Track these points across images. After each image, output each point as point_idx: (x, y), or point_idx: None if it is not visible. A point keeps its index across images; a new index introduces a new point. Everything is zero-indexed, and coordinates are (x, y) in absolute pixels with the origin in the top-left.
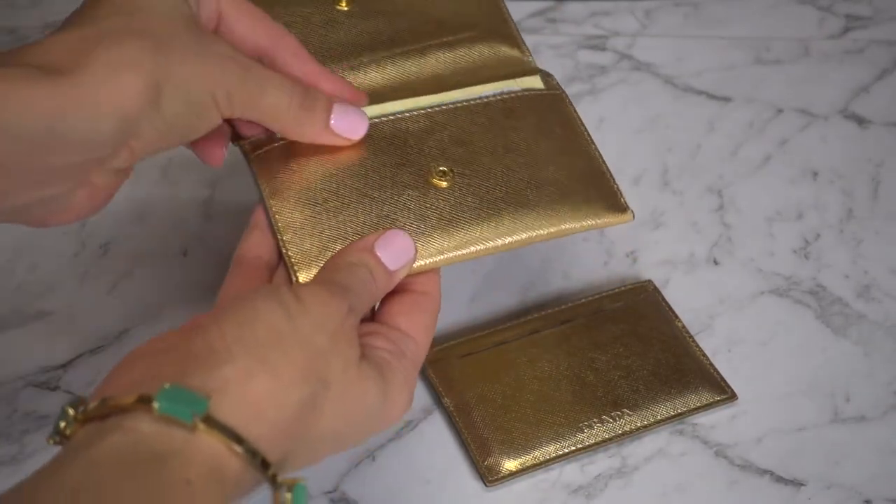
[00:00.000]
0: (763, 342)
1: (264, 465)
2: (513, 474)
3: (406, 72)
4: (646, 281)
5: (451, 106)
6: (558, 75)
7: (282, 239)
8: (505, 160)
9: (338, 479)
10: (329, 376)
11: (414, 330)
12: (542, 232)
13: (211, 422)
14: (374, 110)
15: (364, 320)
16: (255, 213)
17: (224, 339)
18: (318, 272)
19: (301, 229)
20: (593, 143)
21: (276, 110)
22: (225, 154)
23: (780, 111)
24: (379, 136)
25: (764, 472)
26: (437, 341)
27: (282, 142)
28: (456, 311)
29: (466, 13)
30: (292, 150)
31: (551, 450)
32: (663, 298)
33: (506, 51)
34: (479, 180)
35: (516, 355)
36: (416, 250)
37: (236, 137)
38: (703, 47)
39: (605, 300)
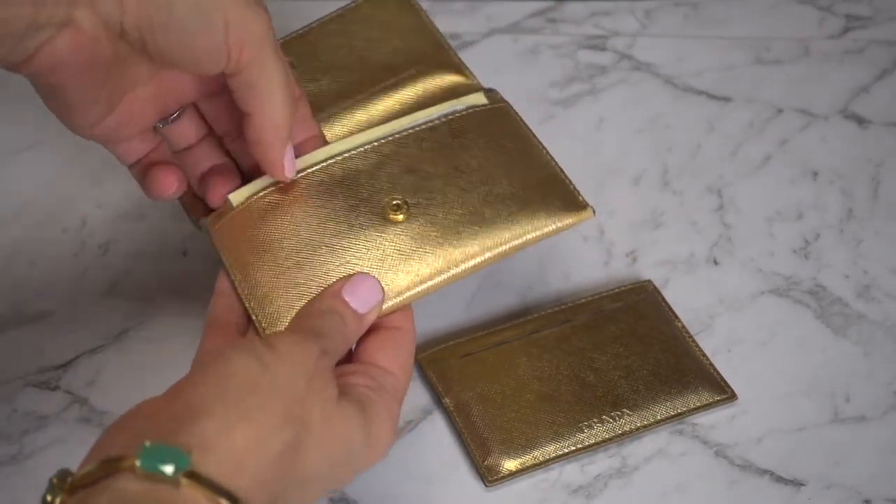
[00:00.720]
0: (763, 342)
1: None
2: (513, 474)
3: (356, 121)
4: (646, 281)
5: (397, 136)
6: (558, 75)
7: (249, 306)
8: (458, 181)
9: None
10: (309, 418)
11: (392, 365)
12: (505, 247)
13: (194, 476)
14: (322, 153)
15: (341, 362)
16: (219, 279)
17: (202, 396)
18: (291, 322)
19: (265, 294)
20: (544, 148)
21: (277, 85)
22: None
23: (780, 111)
24: (330, 180)
25: (764, 472)
26: (436, 341)
27: (236, 210)
28: (456, 311)
29: (406, 51)
30: (249, 216)
31: (551, 450)
32: (663, 298)
33: (449, 78)
34: (435, 207)
35: (516, 355)
36: (384, 291)
37: (198, 214)
38: (702, 47)
39: (605, 300)
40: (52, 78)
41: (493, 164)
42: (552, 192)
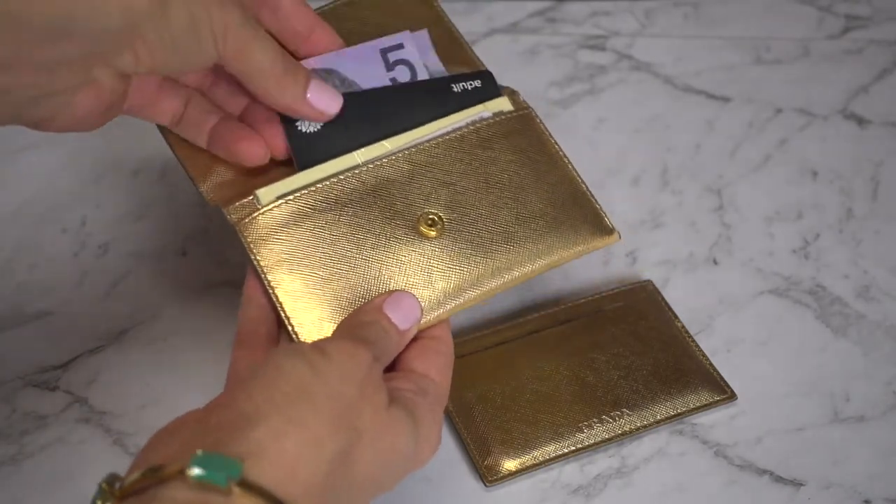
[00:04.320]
0: (763, 342)
1: None
2: (512, 474)
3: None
4: (645, 281)
5: (426, 144)
6: (558, 75)
7: (285, 313)
8: (489, 197)
9: None
10: (360, 425)
11: (431, 370)
12: (535, 267)
13: (246, 485)
14: (349, 160)
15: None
16: (247, 286)
17: (253, 402)
18: (335, 331)
19: (303, 301)
20: (569, 161)
21: (262, 67)
22: (267, 152)
23: (779, 111)
24: (363, 189)
25: (763, 471)
26: None
27: (266, 208)
28: None
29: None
30: (281, 218)
31: (551, 450)
32: (663, 298)
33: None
34: (468, 224)
35: (516, 355)
36: (422, 309)
37: (215, 200)
38: (702, 47)
39: (605, 300)
40: (72, 125)
41: (521, 177)
42: (580, 212)
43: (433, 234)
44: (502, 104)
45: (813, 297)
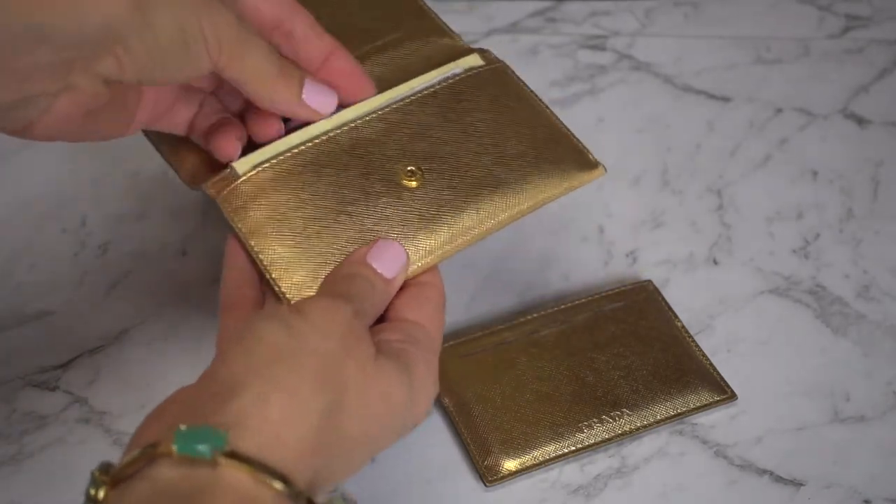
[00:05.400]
0: (763, 342)
1: (294, 487)
2: (512, 474)
3: None
4: (645, 281)
5: (400, 102)
6: (558, 75)
7: (271, 277)
8: (468, 145)
9: None
10: (344, 380)
11: (420, 317)
12: (522, 207)
13: (232, 455)
14: (324, 124)
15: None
16: (228, 253)
17: (232, 371)
18: (318, 289)
19: (288, 262)
20: (547, 106)
21: (259, 72)
22: (239, 148)
23: (779, 111)
24: (339, 150)
25: (763, 471)
26: None
27: (244, 177)
28: (456, 311)
29: (387, 17)
30: (258, 186)
31: (551, 450)
32: (663, 298)
33: (436, 41)
34: (448, 171)
35: (516, 355)
36: (408, 256)
37: (195, 182)
38: (702, 47)
39: (605, 300)
40: (54, 132)
41: (500, 124)
42: (562, 150)
43: (413, 184)
44: (473, 60)
45: (813, 296)
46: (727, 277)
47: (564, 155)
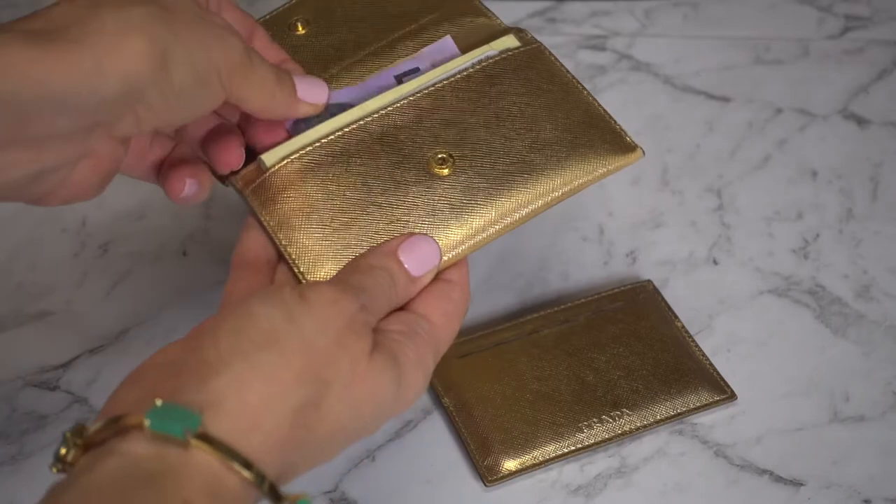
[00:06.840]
0: (762, 342)
1: (262, 478)
2: (512, 474)
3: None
4: (645, 281)
5: (432, 88)
6: None
7: (299, 270)
8: (501, 130)
9: (337, 479)
10: (331, 376)
11: (433, 313)
12: (557, 194)
13: (204, 437)
14: (357, 112)
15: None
16: (246, 225)
17: (217, 349)
18: (335, 275)
19: (316, 255)
20: (584, 88)
21: (263, 85)
22: (242, 156)
23: (779, 111)
24: (369, 138)
25: (763, 471)
26: None
27: (272, 169)
28: None
29: (424, 0)
30: (287, 178)
31: (551, 450)
32: (663, 298)
33: (472, 20)
34: (481, 158)
35: (516, 355)
36: (441, 254)
37: (222, 178)
38: (702, 47)
39: (605, 300)
40: (71, 197)
41: (534, 108)
42: (598, 133)
43: (446, 171)
44: (508, 42)
45: (813, 297)
46: (727, 277)
47: (601, 138)
